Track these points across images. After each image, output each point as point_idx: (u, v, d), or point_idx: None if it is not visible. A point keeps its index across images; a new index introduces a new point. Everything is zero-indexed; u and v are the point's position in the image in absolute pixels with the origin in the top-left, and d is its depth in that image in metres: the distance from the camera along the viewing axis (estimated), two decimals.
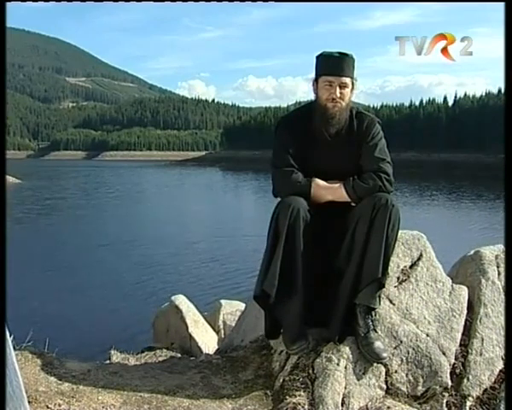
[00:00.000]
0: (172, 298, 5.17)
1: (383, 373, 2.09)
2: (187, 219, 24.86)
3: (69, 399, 1.94)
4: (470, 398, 2.11)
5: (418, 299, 2.27)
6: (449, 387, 2.11)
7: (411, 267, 2.35)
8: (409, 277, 2.32)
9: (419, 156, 78.83)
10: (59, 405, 1.90)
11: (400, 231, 2.18)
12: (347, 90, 2.18)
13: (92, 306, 10.57)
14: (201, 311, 5.46)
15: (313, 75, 2.25)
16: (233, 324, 4.55)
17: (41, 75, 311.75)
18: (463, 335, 2.23)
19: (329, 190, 2.17)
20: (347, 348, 2.10)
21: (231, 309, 5.47)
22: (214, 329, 5.18)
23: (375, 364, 2.08)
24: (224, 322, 5.28)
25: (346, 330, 2.12)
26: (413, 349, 2.13)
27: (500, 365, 2.18)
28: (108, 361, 3.50)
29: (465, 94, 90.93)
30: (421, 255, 2.38)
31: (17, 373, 1.33)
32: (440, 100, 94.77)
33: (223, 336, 5.05)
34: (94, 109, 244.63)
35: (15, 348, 2.22)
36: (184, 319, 4.84)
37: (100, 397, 1.99)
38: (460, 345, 2.21)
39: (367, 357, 2.07)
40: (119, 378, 2.21)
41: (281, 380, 2.10)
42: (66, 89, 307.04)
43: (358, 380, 2.05)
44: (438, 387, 2.10)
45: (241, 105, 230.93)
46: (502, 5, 1.86)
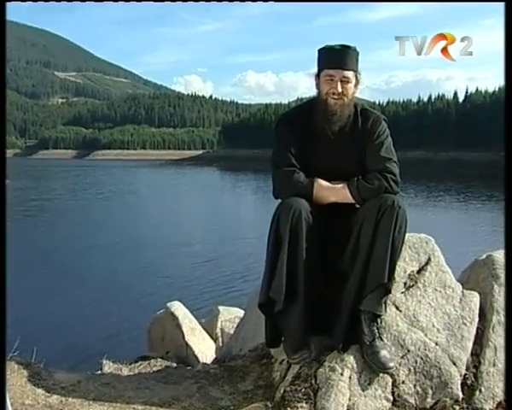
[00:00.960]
0: (168, 304, 5.17)
1: (390, 384, 2.09)
2: (182, 220, 24.90)
3: None
4: None
5: (426, 306, 2.27)
6: (460, 399, 2.11)
7: (419, 272, 2.35)
8: (416, 282, 2.32)
9: (426, 155, 78.80)
10: None
11: (407, 234, 2.18)
12: (350, 85, 2.17)
13: (83, 312, 10.54)
14: (198, 318, 5.46)
15: (315, 70, 2.24)
16: (231, 331, 4.55)
17: (28, 69, 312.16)
18: (475, 344, 2.23)
19: (332, 191, 2.17)
20: (352, 358, 2.09)
21: (229, 316, 5.47)
22: (212, 337, 5.18)
23: (381, 374, 2.08)
24: (222, 329, 5.27)
25: (351, 338, 2.12)
26: (421, 359, 2.13)
27: None
28: (100, 372, 3.49)
29: (477, 89, 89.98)
30: (429, 260, 2.38)
31: (3, 385, 1.33)
32: (450, 95, 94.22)
33: (221, 344, 5.04)
34: (85, 106, 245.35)
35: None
36: (180, 327, 4.84)
37: None
38: (471, 355, 2.20)
39: (372, 367, 2.07)
40: (112, 390, 2.21)
41: (282, 391, 2.10)
42: (55, 84, 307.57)
43: (363, 391, 2.05)
44: (448, 399, 2.10)
45: (240, 102, 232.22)
46: (502, 5, 1.92)
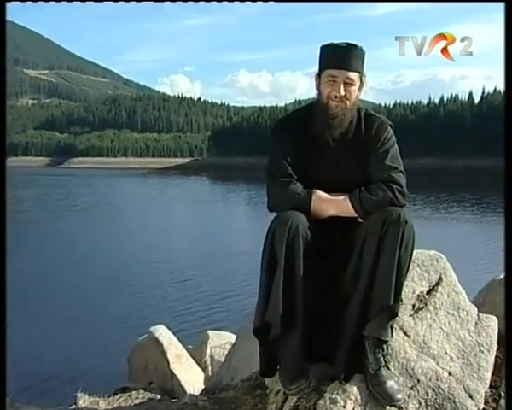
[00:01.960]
0: (151, 329, 5.15)
1: None
2: (166, 235, 24.82)
3: None
4: None
5: (438, 330, 2.27)
6: None
7: (429, 293, 2.35)
8: (426, 304, 2.32)
9: (437, 162, 78.97)
10: None
11: (416, 251, 2.18)
12: (354, 87, 2.19)
13: (53, 337, 10.37)
14: (185, 344, 5.44)
15: (316, 69, 2.25)
16: (222, 359, 4.54)
17: None
18: (494, 375, 2.21)
19: (333, 204, 2.17)
20: (355, 388, 2.09)
21: (220, 342, 5.45)
22: (200, 365, 5.17)
23: (388, 407, 2.06)
24: (212, 357, 5.26)
25: (354, 366, 2.11)
26: (433, 390, 2.12)
27: None
28: (74, 406, 3.45)
29: (495, 89, 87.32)
30: (440, 279, 2.38)
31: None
32: (465, 96, 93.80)
33: (210, 373, 5.03)
34: (59, 108, 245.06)
35: None
36: (165, 354, 4.82)
37: None
38: (490, 387, 2.18)
39: (378, 398, 2.06)
40: None
41: None
42: (24, 83, 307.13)
43: None
44: None
45: (232, 104, 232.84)
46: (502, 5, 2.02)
